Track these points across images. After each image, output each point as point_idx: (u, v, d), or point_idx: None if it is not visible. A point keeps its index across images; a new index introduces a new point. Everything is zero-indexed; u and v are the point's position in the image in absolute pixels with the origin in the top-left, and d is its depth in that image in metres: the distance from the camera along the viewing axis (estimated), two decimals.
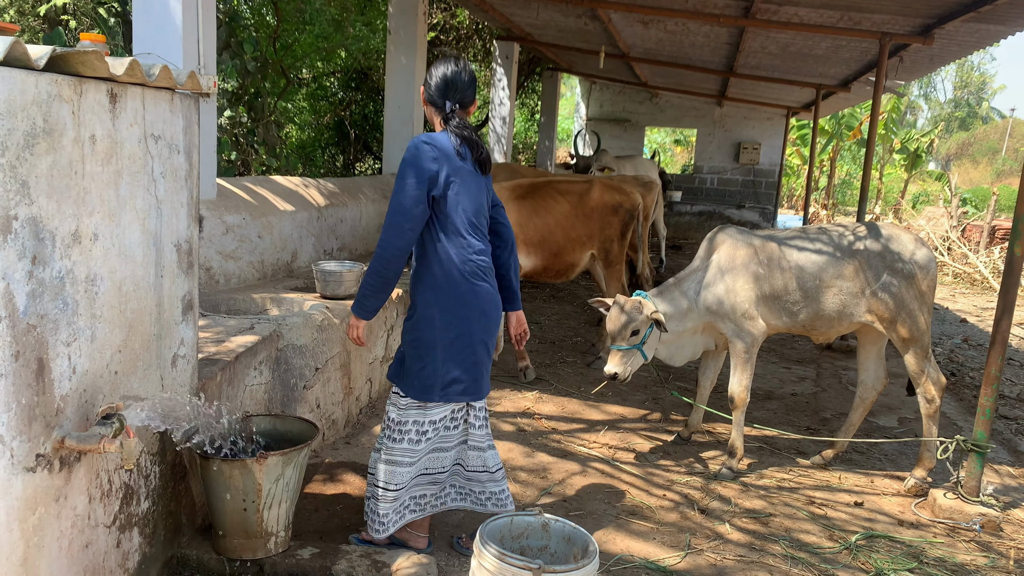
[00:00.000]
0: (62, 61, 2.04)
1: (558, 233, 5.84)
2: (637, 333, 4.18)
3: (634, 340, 4.19)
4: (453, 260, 3.04)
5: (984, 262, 14.19)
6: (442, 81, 3.07)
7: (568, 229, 5.89)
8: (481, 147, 3.14)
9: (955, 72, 51.55)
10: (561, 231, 5.86)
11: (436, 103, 3.10)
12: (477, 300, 3.10)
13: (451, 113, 3.07)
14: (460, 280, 3.06)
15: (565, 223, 5.88)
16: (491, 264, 3.20)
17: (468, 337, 3.10)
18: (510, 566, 2.47)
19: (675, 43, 9.43)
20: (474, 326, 3.10)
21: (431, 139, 3.00)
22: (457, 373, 3.09)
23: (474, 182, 3.11)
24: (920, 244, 4.34)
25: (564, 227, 5.87)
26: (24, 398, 1.98)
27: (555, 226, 5.84)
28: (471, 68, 3.19)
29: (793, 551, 3.58)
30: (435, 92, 3.09)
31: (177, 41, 4.06)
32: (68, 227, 2.11)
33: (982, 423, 4.03)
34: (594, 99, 17.11)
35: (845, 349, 7.56)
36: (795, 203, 27.64)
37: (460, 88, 3.08)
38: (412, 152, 2.96)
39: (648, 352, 4.27)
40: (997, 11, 5.72)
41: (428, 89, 3.11)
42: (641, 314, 4.16)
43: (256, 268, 5.18)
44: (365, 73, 12.39)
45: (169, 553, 2.98)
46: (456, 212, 3.03)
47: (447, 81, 3.07)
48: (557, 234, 5.85)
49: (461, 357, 3.09)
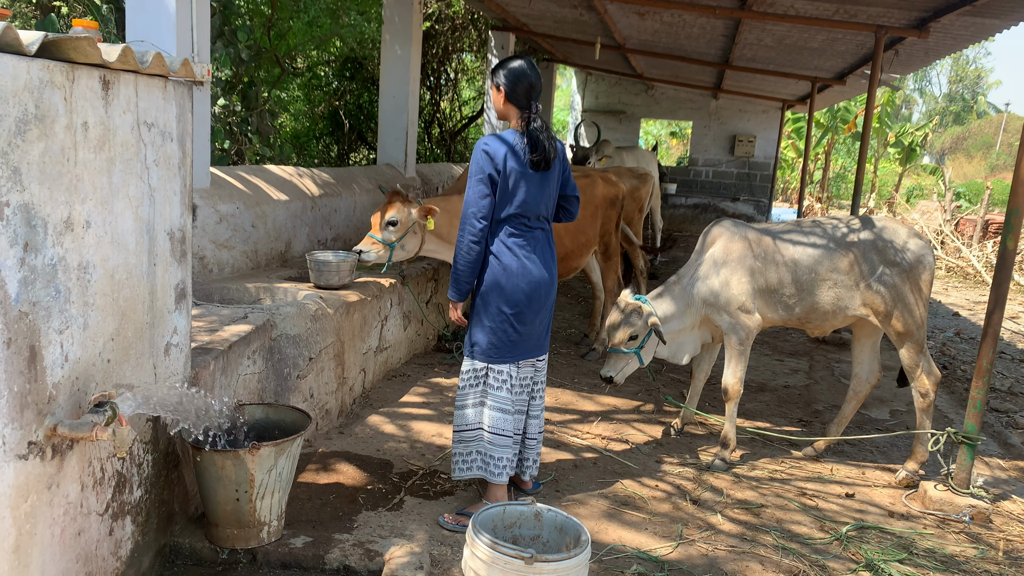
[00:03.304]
0: (54, 47, 2.03)
1: (567, 239, 5.71)
2: (635, 338, 4.19)
3: (632, 345, 4.19)
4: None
5: (977, 256, 14.24)
6: (526, 83, 3.36)
7: (576, 234, 5.78)
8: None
9: (950, 66, 51.63)
10: (569, 236, 5.74)
11: (520, 103, 3.39)
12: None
13: (536, 113, 3.39)
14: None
15: (573, 227, 5.74)
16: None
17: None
18: (502, 555, 2.48)
19: (671, 34, 9.41)
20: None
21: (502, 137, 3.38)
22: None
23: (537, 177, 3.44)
24: (916, 237, 4.35)
25: (572, 232, 5.75)
26: (16, 385, 1.98)
27: (563, 231, 5.68)
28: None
29: (784, 542, 3.60)
30: (521, 93, 3.37)
31: (171, 28, 4.03)
32: (60, 214, 2.10)
33: (973, 416, 4.05)
34: (590, 90, 17.08)
35: (838, 342, 7.58)
36: (790, 196, 27.68)
37: (539, 89, 3.40)
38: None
39: (646, 357, 4.27)
40: (992, 5, 5.72)
41: (511, 88, 3.36)
42: (640, 319, 4.16)
43: (250, 257, 5.17)
44: (360, 63, 12.33)
45: (162, 542, 2.98)
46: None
47: (531, 83, 3.37)
48: (566, 240, 5.71)
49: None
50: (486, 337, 3.48)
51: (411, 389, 5.26)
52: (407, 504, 3.61)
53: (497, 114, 3.50)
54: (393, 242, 4.88)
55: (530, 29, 10.92)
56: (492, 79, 3.41)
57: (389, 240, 4.87)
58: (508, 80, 3.35)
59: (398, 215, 4.86)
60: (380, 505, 3.57)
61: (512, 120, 3.44)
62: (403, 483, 3.84)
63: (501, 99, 3.41)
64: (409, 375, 5.57)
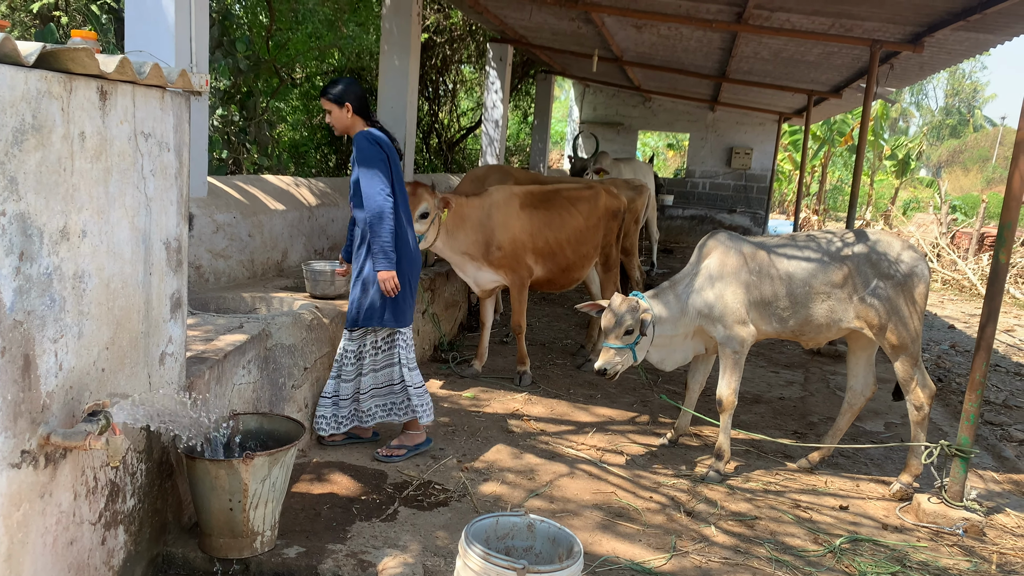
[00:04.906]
0: (52, 58, 2.04)
1: (568, 250, 5.77)
2: (631, 333, 4.18)
3: (627, 339, 4.18)
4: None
5: (973, 269, 14.29)
6: (366, 98, 4.10)
7: (578, 245, 5.83)
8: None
9: (947, 80, 51.90)
10: (572, 248, 5.78)
11: (365, 114, 4.07)
12: None
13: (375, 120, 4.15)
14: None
15: (576, 239, 5.80)
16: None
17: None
18: (495, 566, 2.48)
19: (668, 47, 9.47)
20: None
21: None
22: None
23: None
24: (910, 249, 4.37)
25: (575, 243, 5.80)
26: (10, 394, 1.98)
27: (566, 242, 5.75)
28: None
29: (778, 554, 3.60)
30: (366, 106, 4.09)
31: (169, 39, 4.05)
32: (56, 223, 2.11)
33: (967, 428, 4.06)
34: (587, 102, 17.15)
35: (833, 354, 7.60)
36: (786, 208, 27.76)
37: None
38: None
39: (640, 353, 4.27)
40: (987, 20, 5.77)
41: (360, 104, 4.03)
42: (637, 313, 4.16)
43: (246, 267, 5.18)
44: (358, 74, 12.39)
45: (155, 551, 2.98)
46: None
47: (366, 98, 4.12)
48: (568, 251, 5.77)
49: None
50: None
51: None
52: (401, 515, 3.61)
53: (340, 129, 4.06)
54: (422, 233, 4.91)
55: (528, 41, 10.98)
56: (333, 100, 3.99)
57: (420, 232, 4.88)
58: (357, 99, 4.01)
59: (429, 207, 4.90)
60: (374, 515, 3.57)
61: (356, 129, 4.04)
62: (397, 493, 3.84)
63: (349, 114, 4.00)
64: None
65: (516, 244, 5.50)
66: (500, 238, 5.42)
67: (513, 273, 5.57)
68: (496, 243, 5.41)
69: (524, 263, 5.60)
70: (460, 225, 5.27)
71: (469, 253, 5.41)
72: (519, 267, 5.57)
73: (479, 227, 5.37)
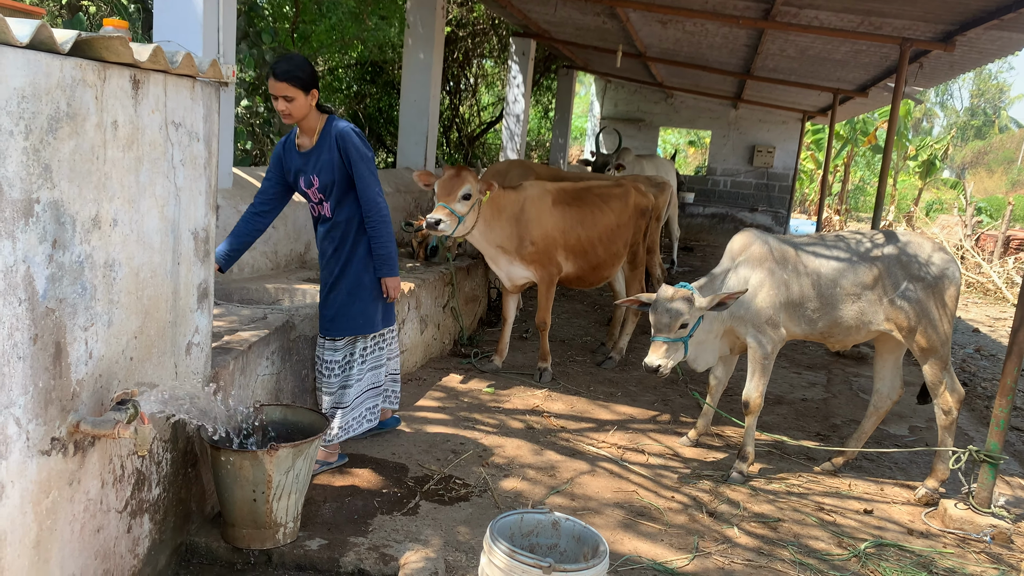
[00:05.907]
0: (87, 46, 2.04)
1: (600, 248, 5.76)
2: (686, 326, 4.08)
3: (682, 333, 4.06)
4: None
5: (998, 272, 14.09)
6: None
7: (609, 243, 5.83)
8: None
9: (972, 80, 51.20)
10: (603, 246, 5.78)
11: (322, 108, 3.67)
12: None
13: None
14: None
15: (607, 237, 5.79)
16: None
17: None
18: (520, 563, 2.46)
19: (693, 43, 9.38)
20: None
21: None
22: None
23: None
24: (941, 251, 4.30)
25: (606, 241, 5.80)
26: (41, 381, 1.98)
27: (598, 240, 5.74)
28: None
29: (802, 557, 3.56)
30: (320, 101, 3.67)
31: (197, 29, 4.06)
32: (88, 212, 2.11)
33: (996, 434, 3.99)
34: (609, 98, 17.07)
35: (856, 356, 7.51)
36: (808, 208, 27.52)
37: None
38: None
39: (692, 347, 4.18)
40: (1020, 19, 5.66)
41: (317, 90, 3.59)
42: (693, 306, 4.07)
43: (269, 258, 5.19)
44: (380, 67, 12.39)
45: (178, 540, 2.99)
46: None
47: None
48: (599, 248, 5.76)
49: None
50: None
51: (426, 393, 5.25)
52: (422, 509, 3.60)
53: (298, 119, 3.58)
54: (463, 215, 4.90)
55: (551, 36, 10.93)
56: (300, 84, 3.47)
57: (461, 213, 4.88)
58: (317, 85, 3.58)
59: (472, 188, 4.88)
60: (395, 509, 3.56)
61: (310, 123, 3.63)
62: (418, 487, 3.83)
63: (311, 103, 3.56)
64: (424, 379, 5.57)
65: (548, 240, 5.50)
66: (533, 233, 5.43)
67: (543, 269, 5.56)
68: (529, 238, 5.42)
69: (554, 259, 5.60)
70: (496, 216, 5.28)
71: (503, 246, 5.42)
72: (549, 263, 5.57)
73: (513, 220, 5.38)
